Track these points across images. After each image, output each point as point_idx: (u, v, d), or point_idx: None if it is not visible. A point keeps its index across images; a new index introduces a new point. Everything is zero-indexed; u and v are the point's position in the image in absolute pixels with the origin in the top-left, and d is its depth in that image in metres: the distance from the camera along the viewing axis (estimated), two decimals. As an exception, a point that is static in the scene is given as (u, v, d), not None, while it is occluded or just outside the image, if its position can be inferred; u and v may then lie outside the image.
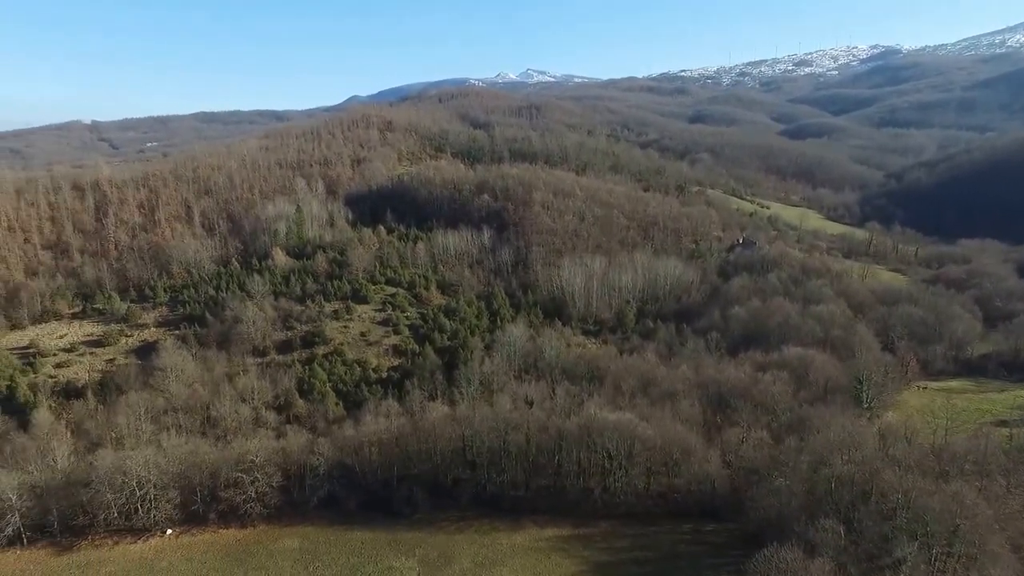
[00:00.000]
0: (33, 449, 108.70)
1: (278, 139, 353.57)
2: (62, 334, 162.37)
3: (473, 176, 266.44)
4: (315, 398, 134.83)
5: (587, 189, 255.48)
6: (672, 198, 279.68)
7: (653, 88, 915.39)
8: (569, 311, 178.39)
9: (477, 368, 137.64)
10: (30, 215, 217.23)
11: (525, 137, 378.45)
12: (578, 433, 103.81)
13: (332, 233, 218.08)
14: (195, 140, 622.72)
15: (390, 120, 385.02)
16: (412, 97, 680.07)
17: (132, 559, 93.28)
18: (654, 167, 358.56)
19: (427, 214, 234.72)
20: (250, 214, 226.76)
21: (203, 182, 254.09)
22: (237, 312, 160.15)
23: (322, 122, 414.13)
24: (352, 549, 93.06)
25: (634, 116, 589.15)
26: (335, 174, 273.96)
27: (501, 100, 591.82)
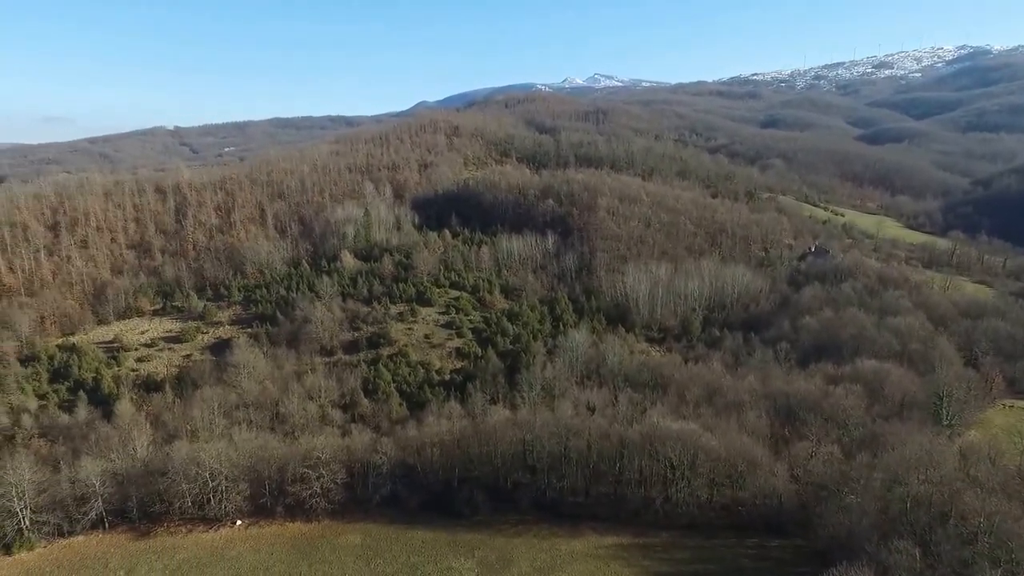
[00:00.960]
0: (115, 438, 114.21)
1: (348, 144, 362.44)
2: (144, 330, 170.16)
3: (538, 181, 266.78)
4: (379, 398, 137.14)
5: (653, 195, 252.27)
6: (741, 204, 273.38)
7: (723, 92, 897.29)
8: (633, 318, 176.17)
9: (539, 373, 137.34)
10: (116, 216, 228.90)
11: (591, 142, 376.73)
12: (640, 441, 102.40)
13: (398, 236, 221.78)
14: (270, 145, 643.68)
15: (457, 125, 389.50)
16: (479, 102, 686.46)
17: (204, 547, 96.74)
18: (723, 173, 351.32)
19: (492, 219, 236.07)
20: (320, 217, 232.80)
21: (276, 186, 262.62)
22: (306, 312, 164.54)
23: (391, 127, 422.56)
24: (412, 548, 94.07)
25: (703, 121, 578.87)
26: (402, 178, 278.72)
27: (567, 105, 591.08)
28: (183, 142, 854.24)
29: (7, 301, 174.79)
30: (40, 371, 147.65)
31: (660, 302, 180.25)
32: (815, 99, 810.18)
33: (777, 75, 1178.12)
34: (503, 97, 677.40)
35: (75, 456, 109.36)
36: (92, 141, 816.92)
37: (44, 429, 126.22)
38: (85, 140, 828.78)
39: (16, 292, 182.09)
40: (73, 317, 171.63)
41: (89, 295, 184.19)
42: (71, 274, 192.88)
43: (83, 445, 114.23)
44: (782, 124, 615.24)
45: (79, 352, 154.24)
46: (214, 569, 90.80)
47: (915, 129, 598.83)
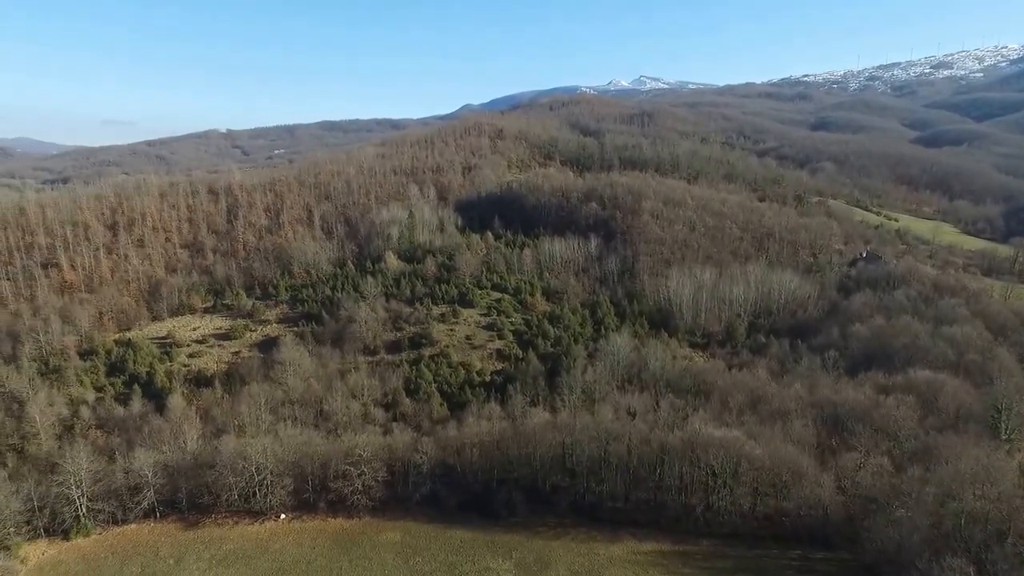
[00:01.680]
0: (167, 431, 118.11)
1: (394, 147, 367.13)
2: (195, 327, 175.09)
3: (582, 184, 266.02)
4: (421, 398, 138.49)
5: (699, 198, 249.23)
6: (790, 208, 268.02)
7: (772, 94, 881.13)
8: (676, 322, 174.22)
9: (580, 376, 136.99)
10: (171, 216, 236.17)
11: (635, 145, 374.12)
12: (681, 448, 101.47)
13: (442, 238, 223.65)
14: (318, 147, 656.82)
15: (501, 128, 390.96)
16: (523, 105, 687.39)
17: (249, 539, 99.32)
18: (771, 176, 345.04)
19: (534, 221, 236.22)
20: (365, 218, 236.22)
21: (324, 187, 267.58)
22: (351, 312, 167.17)
23: (436, 130, 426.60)
24: (451, 547, 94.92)
25: (751, 123, 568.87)
26: (446, 181, 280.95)
27: (612, 107, 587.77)
28: (235, 144, 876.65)
29: (69, 297, 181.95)
30: (98, 364, 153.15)
31: (704, 307, 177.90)
32: (869, 100, 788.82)
33: (829, 76, 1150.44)
34: (548, 100, 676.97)
35: (129, 447, 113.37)
36: (150, 144, 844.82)
37: (101, 420, 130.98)
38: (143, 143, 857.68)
39: (77, 288, 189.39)
40: (129, 313, 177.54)
41: (144, 292, 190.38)
42: (128, 272, 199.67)
43: (137, 437, 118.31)
44: (833, 126, 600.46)
45: (134, 347, 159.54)
46: (258, 561, 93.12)
47: (976, 131, 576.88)
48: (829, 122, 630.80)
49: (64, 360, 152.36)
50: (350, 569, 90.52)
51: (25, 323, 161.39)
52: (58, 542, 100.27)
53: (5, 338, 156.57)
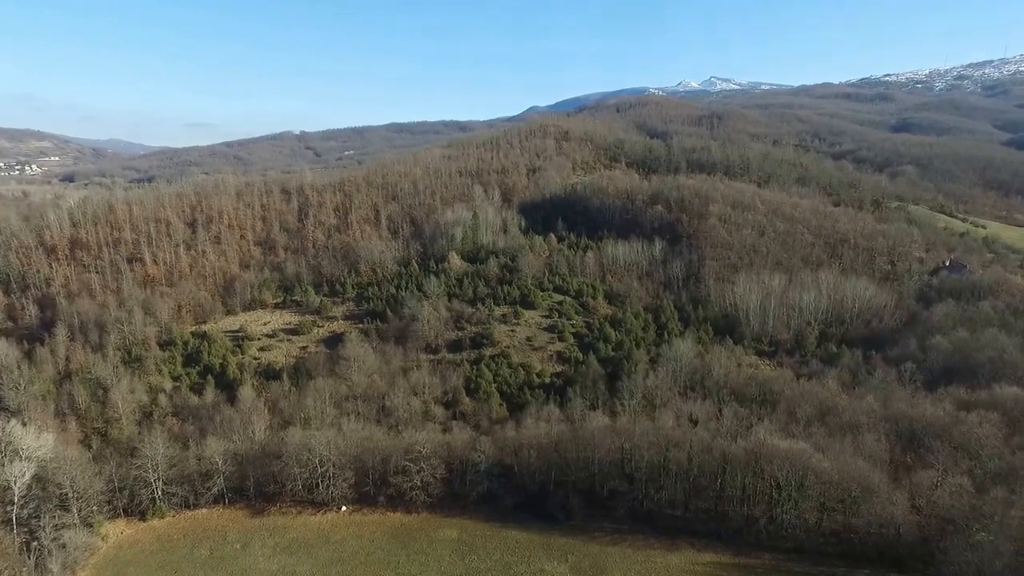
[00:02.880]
0: (237, 421, 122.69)
1: (460, 148, 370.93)
2: (266, 321, 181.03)
3: (647, 186, 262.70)
4: (480, 397, 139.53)
5: (769, 202, 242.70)
6: (866, 214, 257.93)
7: (851, 94, 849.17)
8: (742, 329, 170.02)
9: (641, 381, 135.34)
10: (246, 215, 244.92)
11: (704, 147, 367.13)
12: (745, 458, 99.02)
13: (505, 239, 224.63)
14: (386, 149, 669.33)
15: (566, 130, 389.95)
16: (589, 107, 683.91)
17: (311, 529, 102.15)
18: (847, 180, 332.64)
19: (598, 224, 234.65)
20: (431, 219, 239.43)
21: (391, 188, 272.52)
22: (414, 311, 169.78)
23: (501, 132, 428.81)
24: (506, 547, 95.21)
25: (827, 125, 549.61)
26: (511, 182, 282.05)
27: (680, 109, 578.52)
28: (308, 146, 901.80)
29: (151, 290, 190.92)
30: (175, 355, 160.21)
31: (772, 314, 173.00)
32: (956, 101, 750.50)
33: (913, 76, 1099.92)
34: (614, 101, 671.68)
35: (202, 435, 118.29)
36: (228, 145, 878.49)
37: (177, 408, 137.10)
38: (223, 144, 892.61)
39: (159, 282, 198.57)
40: (205, 307, 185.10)
41: (220, 287, 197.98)
42: (205, 267, 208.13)
43: (209, 426, 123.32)
44: (916, 128, 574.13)
45: (209, 339, 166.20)
46: (319, 550, 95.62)
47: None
48: (912, 124, 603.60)
49: (145, 350, 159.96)
50: (407, 563, 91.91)
51: (111, 314, 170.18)
52: (135, 522, 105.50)
53: (93, 328, 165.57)
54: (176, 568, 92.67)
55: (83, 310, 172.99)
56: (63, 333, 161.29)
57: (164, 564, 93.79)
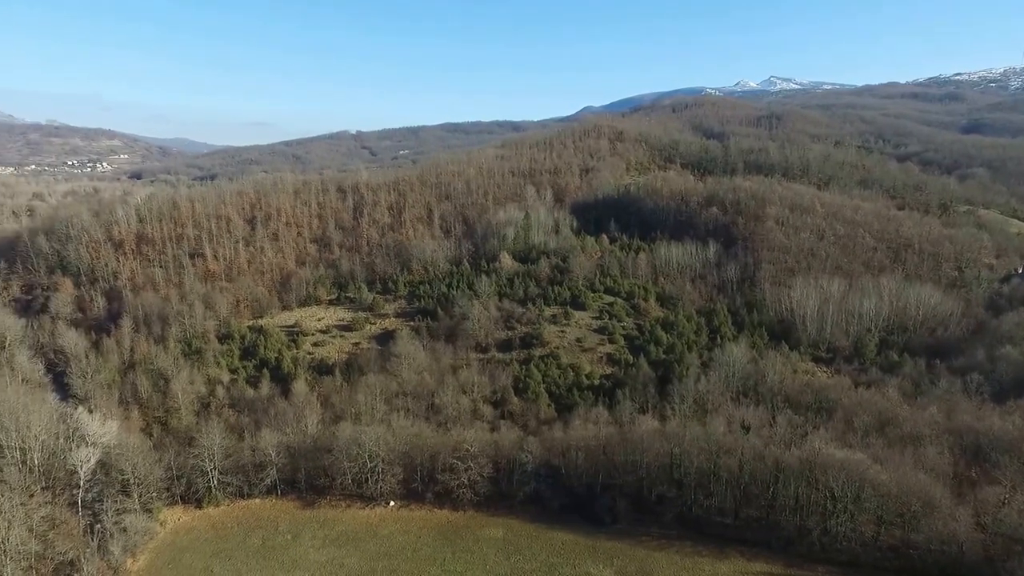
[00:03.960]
0: (291, 414, 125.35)
1: (513, 148, 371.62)
2: (320, 317, 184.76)
3: (702, 188, 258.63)
4: (529, 397, 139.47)
5: (829, 205, 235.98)
6: (932, 218, 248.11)
7: (918, 94, 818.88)
8: (798, 335, 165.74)
9: (692, 385, 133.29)
10: (303, 212, 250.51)
11: (762, 148, 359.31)
12: (798, 467, 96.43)
13: (556, 240, 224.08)
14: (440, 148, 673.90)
15: (621, 130, 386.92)
16: (644, 107, 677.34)
17: (360, 522, 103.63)
18: (912, 182, 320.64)
19: (651, 225, 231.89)
20: (483, 218, 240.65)
21: (444, 187, 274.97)
22: (465, 309, 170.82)
23: (555, 132, 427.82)
24: (552, 548, 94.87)
25: (891, 125, 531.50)
26: (564, 183, 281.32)
27: (738, 109, 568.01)
28: (364, 145, 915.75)
29: (211, 285, 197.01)
30: (233, 348, 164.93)
31: (830, 320, 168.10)
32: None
33: (986, 74, 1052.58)
34: (670, 101, 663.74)
35: (256, 427, 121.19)
36: (287, 144, 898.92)
37: (233, 400, 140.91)
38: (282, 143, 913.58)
39: (218, 277, 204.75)
40: (262, 302, 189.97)
41: (276, 283, 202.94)
42: (263, 263, 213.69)
43: (264, 418, 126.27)
44: (988, 129, 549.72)
45: (265, 334, 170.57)
46: (367, 544, 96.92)
47: None
48: (983, 124, 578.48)
49: (205, 343, 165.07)
50: (453, 560, 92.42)
51: (173, 307, 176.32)
52: (192, 509, 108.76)
53: (156, 320, 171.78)
54: (230, 556, 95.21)
55: (147, 303, 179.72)
56: (128, 325, 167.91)
57: (218, 551, 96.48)
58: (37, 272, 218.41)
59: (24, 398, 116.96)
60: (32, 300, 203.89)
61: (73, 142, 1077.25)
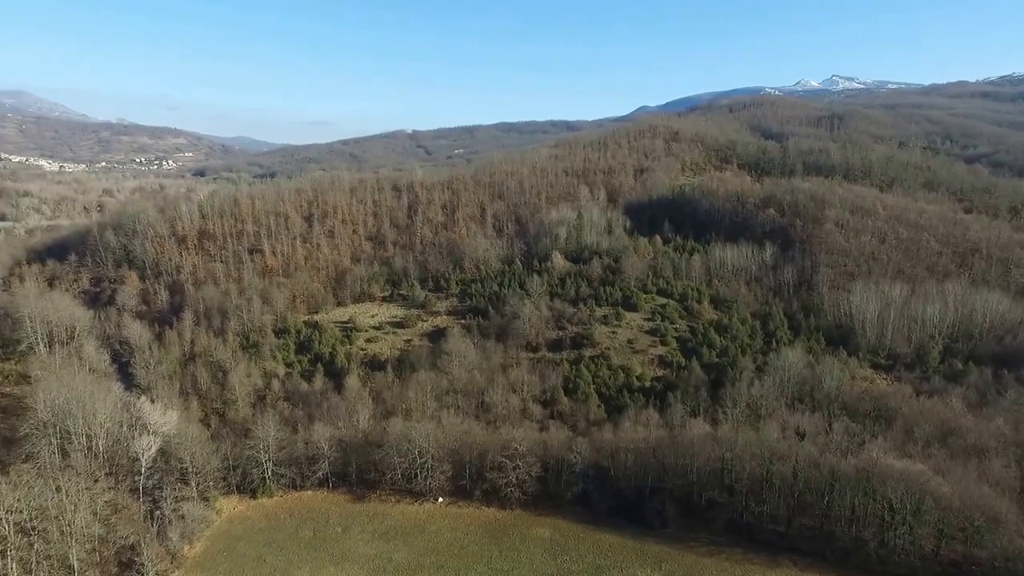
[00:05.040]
0: (343, 409, 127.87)
1: (567, 148, 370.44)
2: (373, 314, 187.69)
3: (759, 189, 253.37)
4: (579, 398, 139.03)
5: (891, 207, 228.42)
6: (1002, 222, 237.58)
7: (989, 93, 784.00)
8: (857, 340, 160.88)
9: (745, 390, 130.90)
10: (359, 210, 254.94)
11: (822, 149, 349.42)
12: (855, 476, 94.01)
13: (609, 240, 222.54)
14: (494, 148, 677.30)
15: (676, 131, 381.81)
16: (701, 107, 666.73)
17: (408, 518, 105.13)
18: (981, 185, 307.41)
19: (706, 226, 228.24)
20: (535, 218, 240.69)
21: (497, 186, 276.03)
22: (516, 308, 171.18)
23: (609, 132, 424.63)
24: (599, 550, 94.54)
25: (960, 126, 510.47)
26: (617, 183, 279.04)
27: (798, 109, 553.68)
28: (419, 144, 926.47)
29: (269, 280, 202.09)
30: (289, 343, 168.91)
31: (891, 326, 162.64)
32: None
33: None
34: (727, 101, 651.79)
35: (310, 420, 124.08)
36: (345, 143, 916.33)
37: (288, 393, 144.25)
38: (339, 142, 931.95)
39: (276, 273, 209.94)
40: (318, 298, 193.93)
41: (332, 279, 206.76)
42: (319, 260, 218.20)
43: (317, 412, 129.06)
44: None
45: (320, 329, 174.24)
46: (415, 539, 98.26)
47: None
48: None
49: (262, 337, 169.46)
50: (500, 558, 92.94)
51: (232, 301, 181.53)
52: (246, 499, 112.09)
53: (216, 313, 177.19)
54: (282, 546, 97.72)
55: (208, 297, 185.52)
56: (189, 318, 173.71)
57: (271, 541, 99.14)
58: (105, 265, 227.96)
59: (91, 387, 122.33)
60: (100, 292, 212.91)
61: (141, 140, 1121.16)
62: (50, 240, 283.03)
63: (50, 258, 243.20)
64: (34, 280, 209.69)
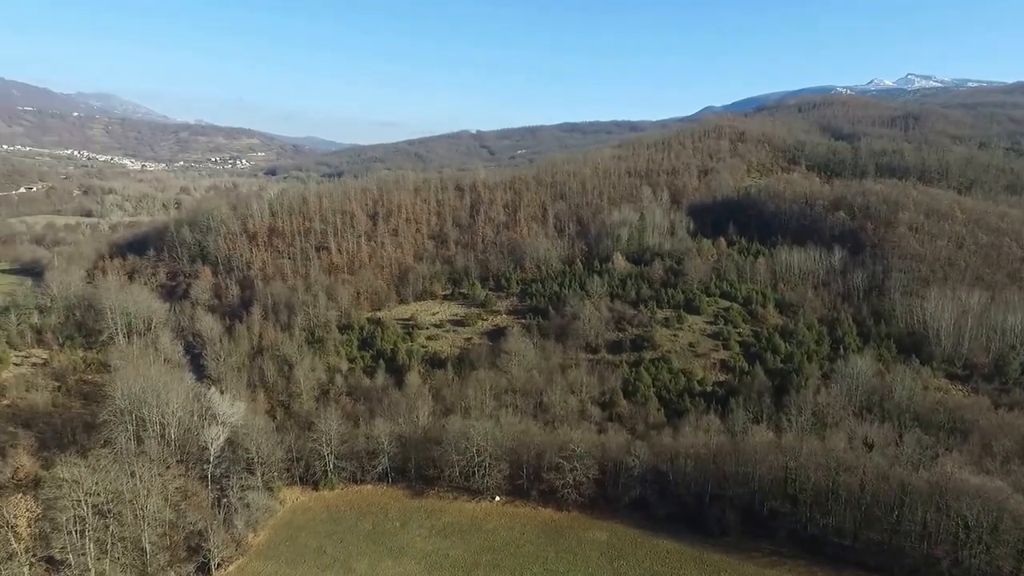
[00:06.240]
0: (403, 405, 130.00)
1: (630, 148, 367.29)
2: (435, 312, 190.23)
3: (829, 191, 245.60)
4: (638, 400, 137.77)
5: (970, 211, 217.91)
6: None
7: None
8: (931, 349, 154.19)
9: (811, 397, 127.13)
10: (422, 209, 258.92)
11: (896, 150, 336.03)
12: (927, 491, 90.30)
13: (671, 242, 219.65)
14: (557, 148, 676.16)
15: (742, 131, 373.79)
16: (769, 107, 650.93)
17: (465, 515, 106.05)
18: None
19: (772, 229, 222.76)
20: (597, 218, 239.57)
21: (559, 187, 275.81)
22: (576, 309, 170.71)
23: (673, 132, 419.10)
24: (657, 556, 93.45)
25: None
26: (681, 184, 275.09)
27: (871, 109, 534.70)
28: (483, 144, 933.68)
29: (334, 277, 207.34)
30: (352, 339, 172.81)
31: (968, 334, 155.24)
32: None
33: None
34: (796, 101, 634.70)
35: (371, 415, 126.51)
36: (410, 143, 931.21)
37: (350, 388, 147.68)
38: (405, 142, 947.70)
39: (341, 270, 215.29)
40: (381, 295, 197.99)
41: (394, 277, 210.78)
42: (383, 258, 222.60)
43: (378, 407, 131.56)
44: None
45: (383, 326, 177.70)
46: (472, 537, 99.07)
47: None
48: None
49: (326, 332, 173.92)
50: (556, 560, 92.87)
51: (299, 297, 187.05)
52: (308, 491, 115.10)
53: (283, 309, 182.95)
54: (342, 538, 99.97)
55: (276, 292, 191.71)
56: (258, 312, 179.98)
57: (332, 533, 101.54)
58: (181, 260, 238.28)
59: (165, 377, 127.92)
60: (176, 286, 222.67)
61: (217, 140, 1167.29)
62: (131, 235, 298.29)
63: (130, 252, 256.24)
64: (115, 274, 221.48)
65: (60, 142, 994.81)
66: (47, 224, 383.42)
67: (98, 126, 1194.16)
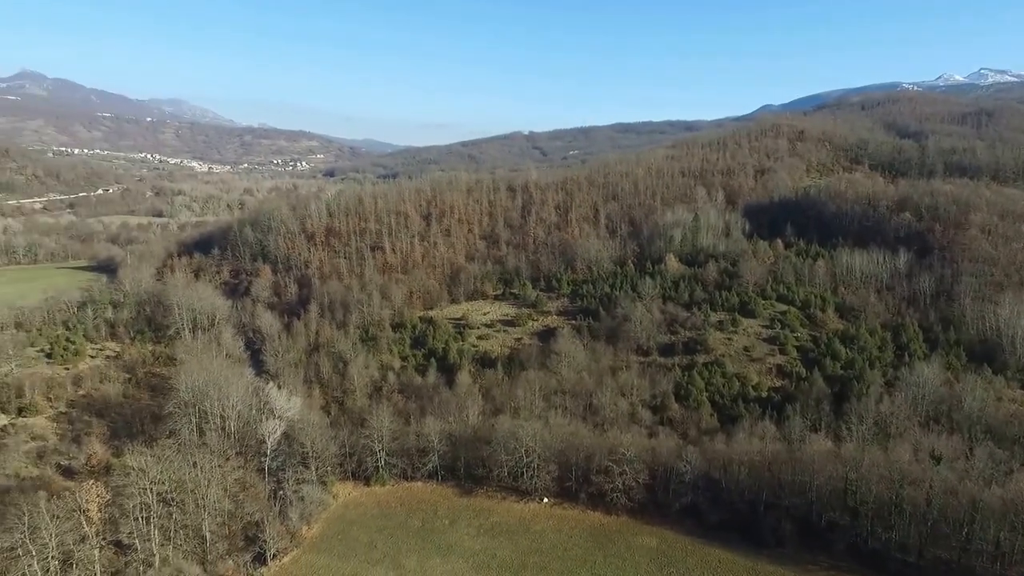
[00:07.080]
0: (454, 404, 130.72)
1: (684, 148, 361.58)
2: (485, 311, 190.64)
3: (893, 191, 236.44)
4: (690, 405, 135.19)
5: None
6: None
7: None
8: (1005, 358, 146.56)
9: (873, 405, 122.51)
10: (474, 210, 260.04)
11: (967, 148, 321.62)
12: (1001, 508, 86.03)
13: (726, 243, 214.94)
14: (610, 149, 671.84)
15: (801, 130, 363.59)
16: (830, 105, 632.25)
17: (513, 516, 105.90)
18: None
19: (832, 230, 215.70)
20: (649, 220, 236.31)
21: (611, 187, 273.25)
22: (627, 311, 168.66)
23: (729, 132, 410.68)
24: (708, 565, 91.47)
25: None
26: (736, 184, 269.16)
27: (939, 105, 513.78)
28: (535, 145, 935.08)
29: (388, 277, 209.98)
30: (405, 337, 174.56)
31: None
32: None
33: None
34: (859, 98, 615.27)
35: (422, 413, 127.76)
36: (464, 144, 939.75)
37: (402, 386, 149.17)
38: (458, 143, 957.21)
39: (395, 270, 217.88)
40: (433, 295, 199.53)
41: (447, 277, 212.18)
42: (435, 258, 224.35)
43: (428, 405, 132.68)
44: None
45: (435, 325, 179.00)
46: (520, 538, 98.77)
47: None
48: None
49: (380, 330, 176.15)
50: (604, 565, 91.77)
51: (354, 296, 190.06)
52: (360, 486, 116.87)
53: (339, 307, 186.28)
54: (392, 534, 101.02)
55: (332, 291, 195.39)
56: (315, 310, 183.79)
57: (382, 528, 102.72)
58: (243, 259, 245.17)
59: (226, 371, 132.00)
60: (238, 284, 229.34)
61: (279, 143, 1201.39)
62: (197, 235, 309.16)
63: (197, 251, 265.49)
64: (183, 271, 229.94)
65: (135, 146, 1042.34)
66: (121, 224, 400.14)
67: (169, 130, 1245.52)
